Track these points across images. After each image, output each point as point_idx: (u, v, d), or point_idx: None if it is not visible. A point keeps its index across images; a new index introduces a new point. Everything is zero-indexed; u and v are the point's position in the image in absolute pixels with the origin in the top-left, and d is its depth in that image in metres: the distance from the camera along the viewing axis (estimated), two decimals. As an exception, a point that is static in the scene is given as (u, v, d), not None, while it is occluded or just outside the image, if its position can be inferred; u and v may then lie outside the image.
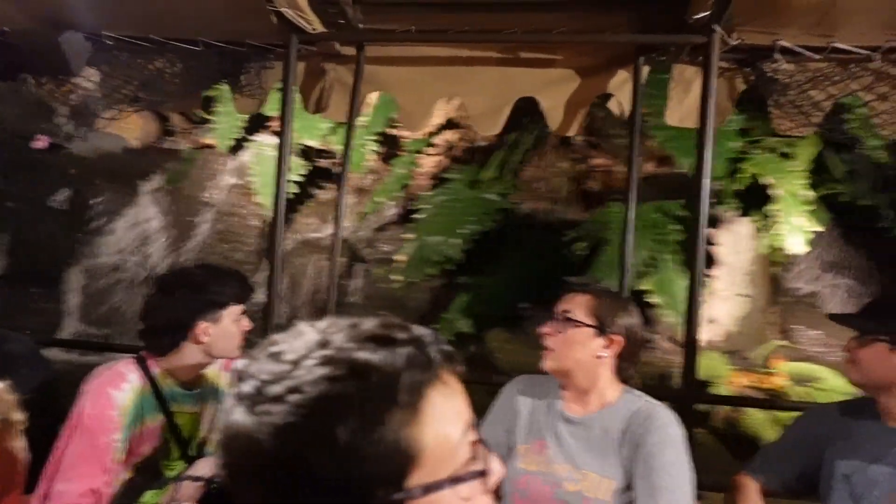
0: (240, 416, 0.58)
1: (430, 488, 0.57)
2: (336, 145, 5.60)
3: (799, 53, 2.17)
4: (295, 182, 5.45)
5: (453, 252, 5.00)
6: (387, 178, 5.74)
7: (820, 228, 4.52)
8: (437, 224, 5.13)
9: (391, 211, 5.81)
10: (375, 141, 5.68)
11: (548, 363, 1.65)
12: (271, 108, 2.86)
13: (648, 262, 4.44)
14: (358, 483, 0.55)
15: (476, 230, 5.06)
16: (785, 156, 4.65)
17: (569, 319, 1.63)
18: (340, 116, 2.49)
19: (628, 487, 1.56)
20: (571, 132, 2.50)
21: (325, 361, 0.58)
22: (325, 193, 5.95)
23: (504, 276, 5.01)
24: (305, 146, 5.64)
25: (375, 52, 2.48)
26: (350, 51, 2.48)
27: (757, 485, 1.83)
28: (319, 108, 2.50)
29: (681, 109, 2.31)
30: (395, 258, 5.28)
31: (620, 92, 2.43)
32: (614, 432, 1.60)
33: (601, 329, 1.62)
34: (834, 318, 1.79)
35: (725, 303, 4.78)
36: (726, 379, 4.35)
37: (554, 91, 2.42)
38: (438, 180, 5.59)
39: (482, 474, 0.60)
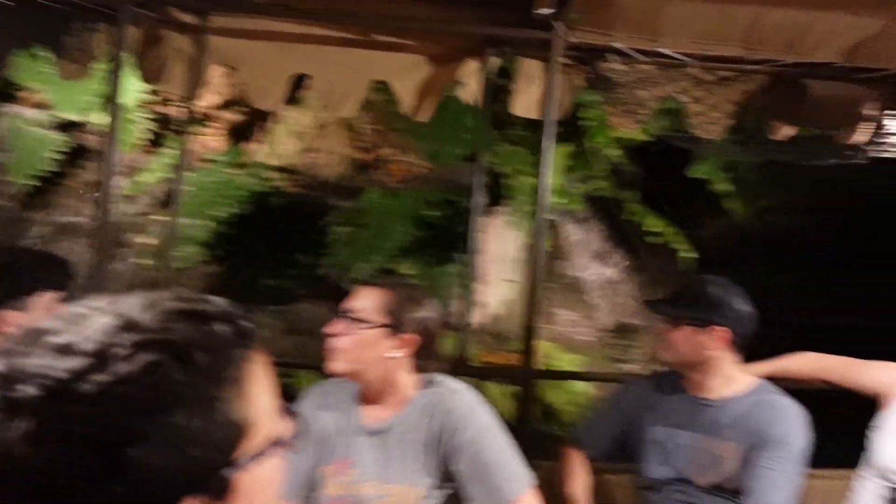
0: (25, 426, 0.50)
1: (256, 457, 0.57)
2: (100, 119, 5.03)
3: (629, 55, 2.37)
4: (53, 159, 4.89)
5: (204, 236, 4.74)
6: (156, 157, 5.25)
7: (555, 219, 4.73)
8: (193, 206, 4.77)
9: (159, 192, 5.37)
10: (148, 118, 5.18)
11: (334, 365, 1.49)
12: (99, 76, 2.61)
13: (408, 248, 4.56)
14: (191, 466, 0.53)
15: (233, 213, 4.82)
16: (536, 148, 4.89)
17: (357, 319, 1.48)
18: (180, 89, 2.34)
19: (439, 486, 1.50)
20: (423, 117, 2.54)
21: (139, 347, 0.53)
22: (87, 173, 5.40)
23: (259, 262, 4.88)
24: (65, 120, 4.97)
25: (221, 23, 2.35)
26: (193, 20, 2.33)
27: (581, 453, 2.00)
28: (157, 79, 2.34)
29: (525, 101, 2.43)
30: (144, 241, 4.96)
31: (470, 81, 2.50)
32: (416, 434, 1.50)
33: (393, 328, 1.48)
34: (646, 304, 1.98)
35: (493, 287, 4.95)
36: (477, 358, 4.62)
37: (406, 76, 2.44)
38: (208, 161, 5.27)
39: (294, 438, 0.62)
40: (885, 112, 2.62)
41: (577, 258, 5.19)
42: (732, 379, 1.90)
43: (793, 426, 1.84)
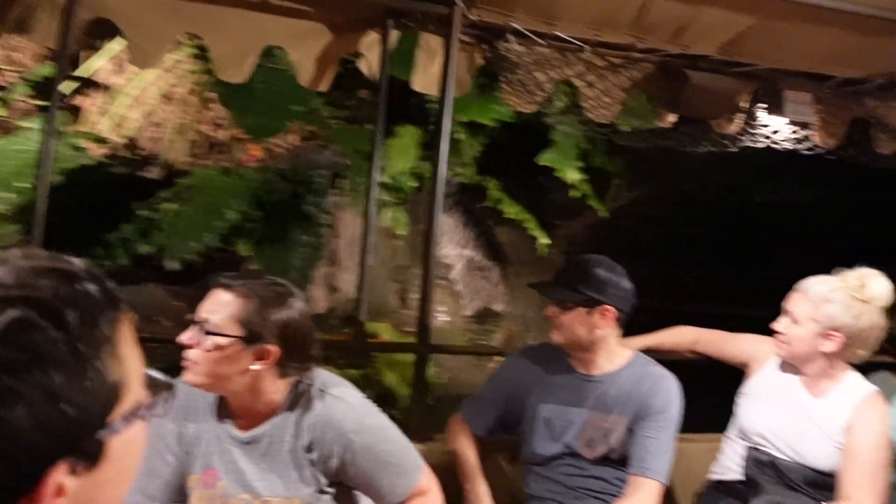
0: None
1: (127, 418, 0.56)
2: None
3: (527, 36, 2.41)
4: None
5: (5, 209, 4.29)
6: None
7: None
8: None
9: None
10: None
11: (189, 377, 1.36)
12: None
13: (247, 228, 4.39)
14: (65, 428, 0.51)
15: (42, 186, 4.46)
16: (391, 134, 4.56)
17: (209, 332, 1.34)
18: (49, 41, 2.13)
19: (321, 491, 1.42)
20: (322, 87, 2.47)
21: (4, 305, 0.50)
22: None
23: (70, 239, 4.55)
24: None
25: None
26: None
27: (467, 429, 2.04)
28: (21, 28, 2.11)
29: (425, 77, 2.42)
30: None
31: (370, 53, 2.46)
32: (291, 443, 1.40)
33: (251, 340, 1.34)
34: (533, 286, 2.02)
35: (347, 272, 4.91)
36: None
37: (303, 43, 2.36)
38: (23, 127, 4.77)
39: (160, 403, 0.61)
40: (756, 104, 2.84)
41: (442, 243, 5.21)
42: (614, 354, 1.99)
43: (671, 395, 1.97)
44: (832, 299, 1.98)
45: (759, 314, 2.20)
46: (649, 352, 2.18)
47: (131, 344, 0.58)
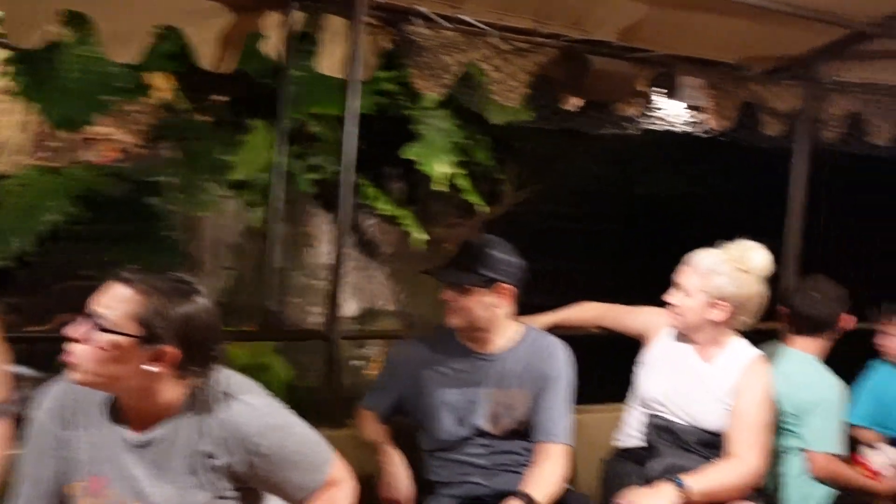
0: None
1: None
2: None
3: (433, 19, 2.42)
4: None
5: None
6: None
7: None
8: None
9: None
10: None
11: (73, 375, 1.27)
12: None
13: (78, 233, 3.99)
14: None
15: None
16: (240, 127, 4.30)
17: (102, 327, 1.25)
18: None
19: (220, 497, 1.35)
20: (223, 69, 2.39)
21: None
22: None
23: None
24: None
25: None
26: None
27: (370, 414, 2.07)
28: None
29: (330, 60, 2.38)
30: None
31: (273, 35, 2.40)
32: (189, 447, 1.32)
33: (148, 340, 1.26)
34: (428, 273, 2.03)
35: (210, 276, 4.69)
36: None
37: (201, 24, 2.27)
38: None
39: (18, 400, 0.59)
40: (653, 89, 2.97)
41: (317, 243, 4.99)
42: (509, 330, 2.04)
43: (564, 362, 2.05)
44: (719, 271, 2.12)
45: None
46: (555, 328, 2.27)
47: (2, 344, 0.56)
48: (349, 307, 4.84)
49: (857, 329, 2.78)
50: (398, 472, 1.94)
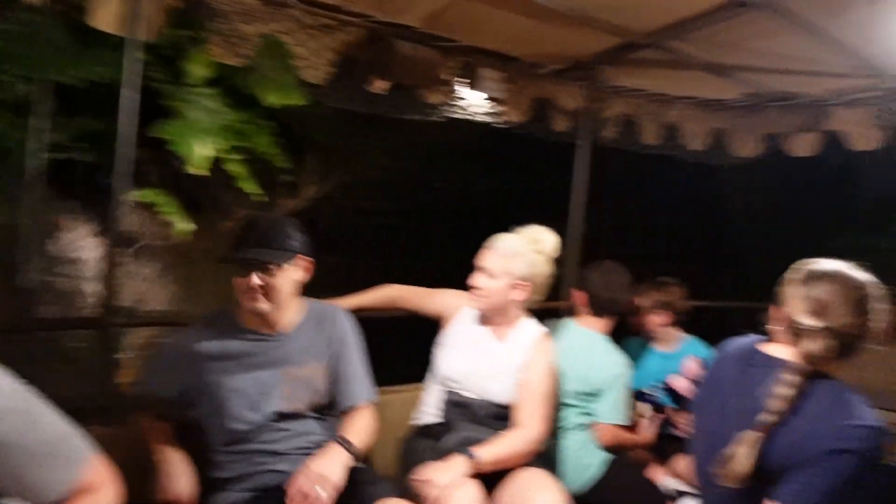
0: None
1: None
2: None
3: (229, -17, 2.25)
4: None
5: None
6: None
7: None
8: None
9: None
10: None
11: None
12: None
13: None
14: None
15: None
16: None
17: None
18: None
19: None
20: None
21: None
22: None
23: None
24: None
25: None
26: None
27: (148, 411, 1.90)
28: None
29: (107, 14, 2.11)
30: None
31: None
32: None
33: None
34: (227, 260, 1.87)
35: None
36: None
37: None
38: None
39: None
40: (457, 79, 3.06)
41: (70, 237, 4.52)
42: (294, 305, 1.99)
43: (351, 325, 2.07)
44: (520, 253, 2.26)
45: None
46: (356, 311, 2.26)
47: None
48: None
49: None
50: (176, 472, 1.79)
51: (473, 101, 3.19)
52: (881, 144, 3.49)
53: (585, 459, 2.53)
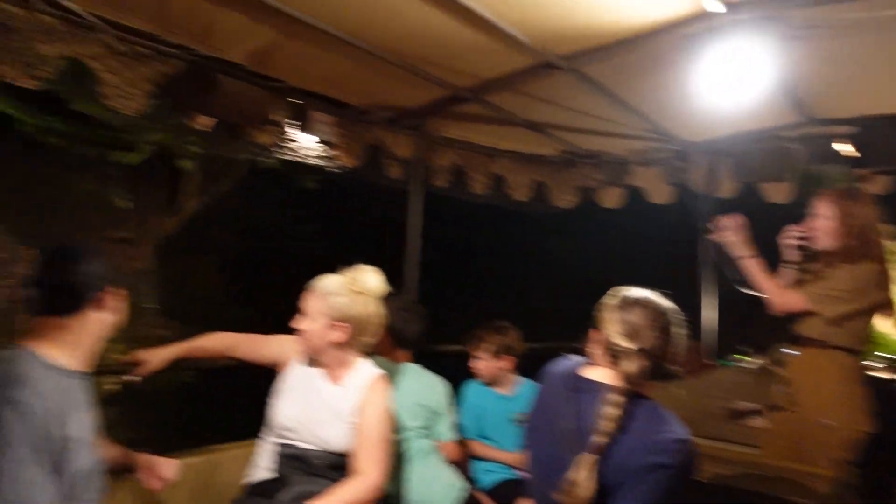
0: None
1: None
2: None
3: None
4: None
5: None
6: None
7: None
8: None
9: None
10: None
11: None
12: None
13: None
14: None
15: None
16: None
17: None
18: None
19: None
20: None
21: None
22: None
23: None
24: None
25: None
26: None
27: None
28: None
29: None
30: None
31: None
32: None
33: None
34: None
35: None
36: None
37: None
38: None
39: None
40: (289, 120, 3.00)
41: None
42: None
43: None
44: (336, 293, 2.21)
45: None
46: (183, 360, 2.07)
47: None
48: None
49: (454, 351, 3.18)
50: None
51: (305, 144, 3.14)
52: (672, 199, 3.96)
53: (428, 481, 2.51)
